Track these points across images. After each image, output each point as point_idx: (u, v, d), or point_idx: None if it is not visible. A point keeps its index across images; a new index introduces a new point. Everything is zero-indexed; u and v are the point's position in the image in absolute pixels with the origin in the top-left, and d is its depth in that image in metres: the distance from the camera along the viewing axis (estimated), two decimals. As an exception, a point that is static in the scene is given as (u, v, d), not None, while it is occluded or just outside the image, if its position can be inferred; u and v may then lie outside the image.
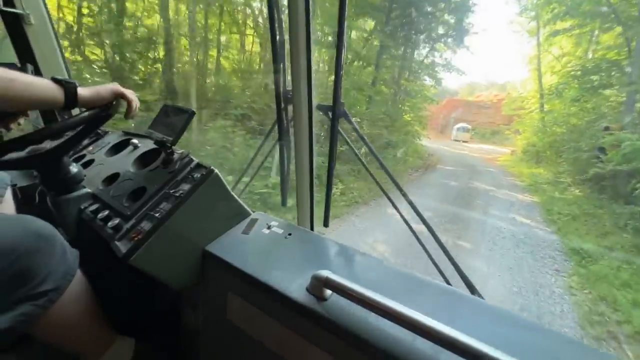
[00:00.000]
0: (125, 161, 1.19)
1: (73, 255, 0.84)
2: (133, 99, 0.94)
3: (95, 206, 1.02)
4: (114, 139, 1.40)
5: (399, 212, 1.12)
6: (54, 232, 0.79)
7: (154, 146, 1.16)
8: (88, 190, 1.08)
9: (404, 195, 1.14)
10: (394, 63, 13.31)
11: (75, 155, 1.34)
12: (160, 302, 1.19)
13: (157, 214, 0.89)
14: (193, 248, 0.94)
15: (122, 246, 0.85)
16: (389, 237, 5.48)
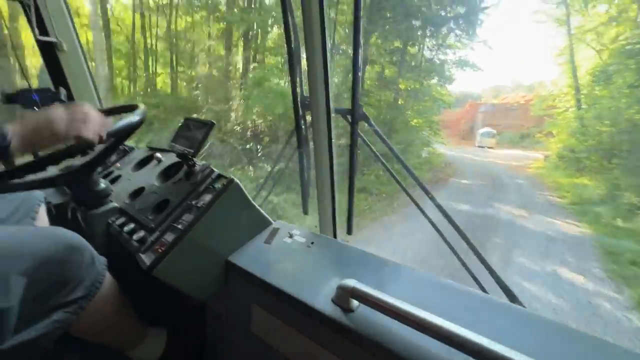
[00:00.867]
0: (149, 175, 1.24)
1: (101, 263, 0.88)
2: (91, 130, 0.76)
3: (122, 220, 1.06)
4: (139, 154, 1.47)
5: (426, 217, 1.09)
6: (84, 243, 0.83)
7: (177, 159, 1.20)
8: (115, 204, 1.13)
9: (431, 199, 1.11)
10: (392, 59, 11.68)
11: (104, 172, 1.42)
12: (186, 308, 1.21)
13: (180, 226, 0.91)
14: (216, 259, 0.95)
15: (147, 258, 0.88)
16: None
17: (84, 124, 0.75)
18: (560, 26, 14.58)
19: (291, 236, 1.02)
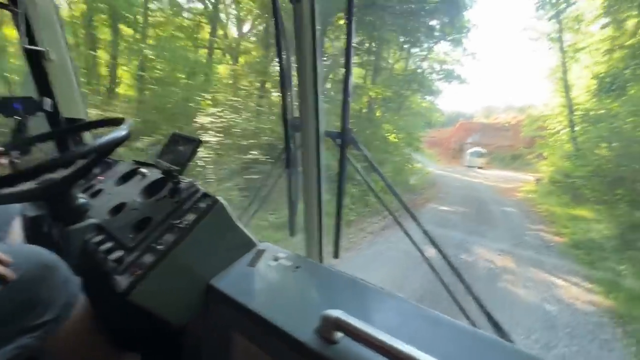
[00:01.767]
0: (132, 191, 1.22)
1: (75, 284, 0.86)
2: None
3: (99, 237, 1.04)
4: (124, 168, 1.45)
5: (415, 246, 1.10)
6: (58, 262, 0.81)
7: (162, 175, 1.19)
8: (94, 221, 1.11)
9: (418, 225, 1.12)
10: (361, 59, 10.72)
11: (86, 185, 1.39)
12: (164, 333, 1.18)
13: (160, 247, 0.89)
14: (197, 282, 0.94)
15: (123, 281, 0.85)
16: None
17: None
18: (552, 43, 14.11)
19: (276, 259, 1.01)
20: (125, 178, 1.38)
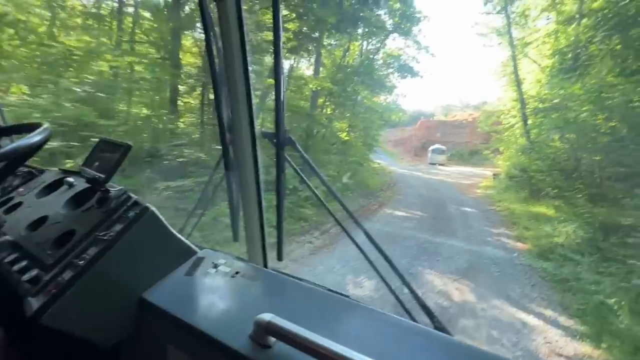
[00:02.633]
0: (56, 202, 1.14)
1: None
2: None
3: (14, 256, 0.95)
4: (48, 178, 1.34)
5: (356, 246, 1.13)
6: None
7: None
8: (8, 237, 1.02)
9: (359, 226, 1.16)
10: (290, 43, 9.54)
11: (1, 199, 1.28)
12: (92, 355, 1.10)
13: (81, 261, 0.84)
14: (127, 297, 0.89)
15: (35, 303, 0.79)
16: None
17: None
18: (501, 37, 14.10)
19: (216, 266, 1.00)
20: (50, 189, 1.28)
